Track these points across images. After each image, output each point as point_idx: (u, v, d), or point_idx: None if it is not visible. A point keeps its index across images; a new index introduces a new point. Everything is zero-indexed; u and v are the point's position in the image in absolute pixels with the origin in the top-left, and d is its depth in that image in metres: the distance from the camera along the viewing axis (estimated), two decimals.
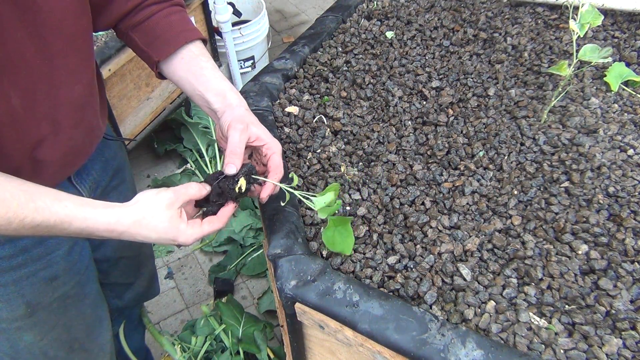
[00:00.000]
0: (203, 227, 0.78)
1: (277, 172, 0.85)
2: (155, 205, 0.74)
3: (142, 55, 0.93)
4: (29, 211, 0.68)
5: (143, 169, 2.66)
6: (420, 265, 0.86)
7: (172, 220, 0.75)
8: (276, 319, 1.92)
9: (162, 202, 0.75)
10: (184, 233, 0.76)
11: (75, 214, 0.71)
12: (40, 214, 0.69)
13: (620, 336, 0.74)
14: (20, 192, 0.68)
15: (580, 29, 1.04)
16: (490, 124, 1.11)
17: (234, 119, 0.84)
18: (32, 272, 0.92)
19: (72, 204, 0.71)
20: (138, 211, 0.74)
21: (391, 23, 1.46)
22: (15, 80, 0.73)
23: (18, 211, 0.67)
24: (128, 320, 1.53)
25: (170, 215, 0.75)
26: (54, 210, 0.70)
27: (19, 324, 0.96)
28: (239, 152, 0.81)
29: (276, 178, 0.85)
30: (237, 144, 0.81)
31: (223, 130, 0.85)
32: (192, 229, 0.77)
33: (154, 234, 0.74)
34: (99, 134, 0.99)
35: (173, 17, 0.92)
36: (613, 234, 0.87)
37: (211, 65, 0.91)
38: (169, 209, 0.75)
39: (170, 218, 0.75)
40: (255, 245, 2.18)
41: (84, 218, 0.71)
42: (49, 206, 0.70)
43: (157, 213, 0.74)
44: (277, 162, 0.86)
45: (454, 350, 0.70)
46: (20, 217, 0.67)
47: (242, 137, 0.82)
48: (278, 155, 0.86)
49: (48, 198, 0.70)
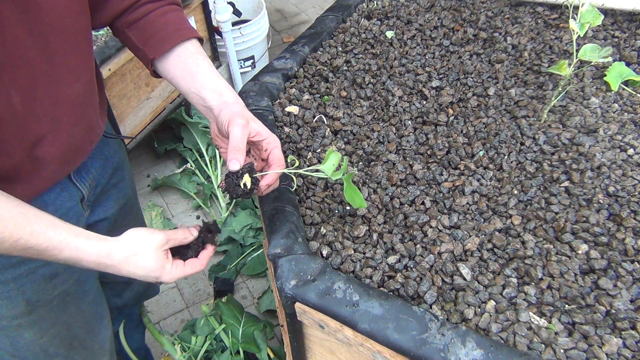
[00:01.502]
0: (185, 268, 0.83)
1: (279, 164, 0.86)
2: (146, 245, 0.79)
3: (137, 53, 0.93)
4: (24, 233, 0.70)
5: (143, 168, 2.66)
6: (420, 264, 0.86)
7: (160, 260, 0.80)
8: (276, 319, 1.92)
9: (153, 243, 0.79)
10: (168, 273, 0.81)
11: (68, 242, 0.73)
12: (35, 238, 0.71)
13: (620, 336, 0.74)
14: (18, 214, 0.70)
15: (580, 28, 1.04)
16: (490, 124, 1.11)
17: (235, 115, 0.84)
18: (32, 269, 0.93)
19: (66, 232, 0.74)
20: (130, 248, 0.78)
21: (391, 23, 1.46)
22: (15, 78, 0.73)
23: (14, 232, 0.69)
24: (128, 320, 1.53)
25: (159, 256, 0.79)
26: (49, 236, 0.72)
27: (19, 321, 0.96)
28: (242, 148, 0.81)
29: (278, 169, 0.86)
30: (239, 140, 0.81)
31: (222, 126, 0.85)
32: (176, 269, 0.82)
33: (140, 270, 0.79)
34: (98, 132, 0.99)
35: (169, 15, 0.92)
36: (613, 234, 0.87)
37: (207, 63, 0.92)
38: (159, 250, 0.79)
39: (159, 258, 0.79)
40: (255, 244, 2.18)
41: (76, 247, 0.74)
42: (44, 231, 0.72)
43: (147, 252, 0.78)
44: (279, 156, 0.87)
45: (454, 349, 0.70)
46: (15, 238, 0.69)
47: (244, 133, 0.82)
48: (278, 149, 0.87)
49: (44, 223, 0.72)
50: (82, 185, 1.00)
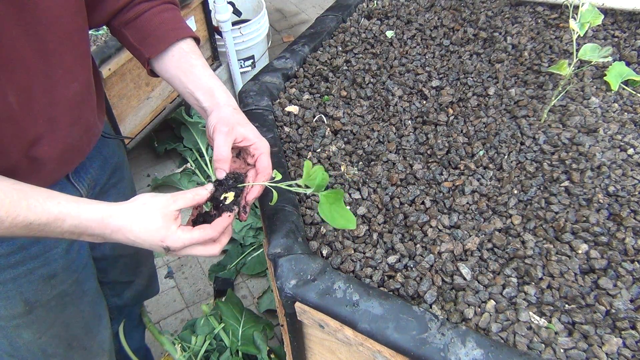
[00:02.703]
0: (193, 233, 0.75)
1: (264, 173, 0.84)
2: (150, 205, 0.74)
3: (134, 52, 0.93)
4: (21, 209, 0.68)
5: (143, 168, 2.66)
6: (420, 264, 0.86)
7: (165, 219, 0.74)
8: (276, 318, 1.92)
9: (157, 204, 0.75)
10: (174, 234, 0.74)
11: (68, 211, 0.71)
12: (33, 212, 0.69)
13: (620, 335, 0.74)
14: (13, 191, 0.68)
15: (580, 28, 1.04)
16: (490, 123, 1.11)
17: (219, 121, 0.83)
18: (30, 269, 0.92)
19: (65, 201, 0.71)
20: (133, 208, 0.74)
21: (391, 22, 1.46)
22: (12, 78, 0.73)
23: (10, 209, 0.67)
24: (128, 319, 1.53)
25: (164, 214, 0.74)
26: (47, 208, 0.70)
27: (18, 321, 0.96)
28: (225, 157, 0.81)
29: (264, 179, 0.84)
30: (222, 149, 0.81)
31: (209, 132, 0.85)
32: (182, 232, 0.75)
33: (144, 232, 0.73)
34: (96, 132, 0.99)
35: (165, 14, 0.92)
36: (613, 233, 0.87)
37: (201, 63, 0.91)
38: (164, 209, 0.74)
39: (164, 217, 0.74)
40: (255, 244, 2.18)
41: (77, 214, 0.71)
42: (42, 203, 0.69)
43: (151, 212, 0.74)
44: (265, 163, 0.85)
45: (454, 349, 0.70)
46: (12, 216, 0.67)
47: (227, 140, 0.81)
48: (266, 156, 0.85)
49: (41, 196, 0.70)
50: (81, 185, 1.00)
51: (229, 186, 0.82)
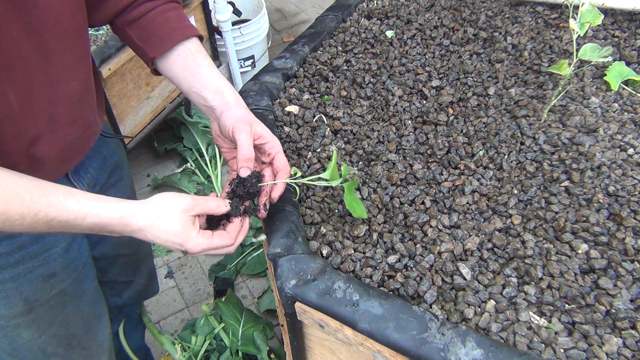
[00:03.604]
0: (213, 240, 0.78)
1: (285, 170, 0.87)
2: (171, 207, 0.75)
3: (138, 51, 0.93)
4: (42, 205, 0.68)
5: (143, 168, 2.66)
6: (420, 264, 0.86)
7: (185, 225, 0.75)
8: (276, 318, 1.92)
9: (178, 206, 0.75)
10: (194, 240, 0.76)
11: (88, 209, 0.71)
12: (54, 208, 0.69)
13: (620, 335, 0.74)
14: (32, 187, 0.69)
15: (580, 28, 1.04)
16: (490, 123, 1.11)
17: (237, 120, 0.84)
18: (29, 269, 0.92)
19: (84, 199, 0.72)
20: (153, 209, 0.74)
21: (391, 22, 1.46)
22: (11, 77, 0.73)
23: (31, 205, 0.67)
24: (128, 319, 1.53)
25: (183, 220, 0.75)
26: (67, 205, 0.70)
27: (17, 321, 0.96)
28: (251, 156, 0.83)
29: (285, 177, 0.86)
30: (248, 148, 0.82)
31: (226, 131, 0.85)
32: (202, 239, 0.77)
33: (163, 234, 0.75)
34: (96, 131, 0.99)
35: (169, 14, 0.92)
36: (613, 233, 0.87)
37: (208, 62, 0.91)
38: (184, 214, 0.75)
39: (184, 222, 0.75)
40: (255, 244, 2.18)
41: (97, 212, 0.72)
42: (62, 201, 0.70)
43: (171, 215, 0.75)
44: (283, 161, 0.87)
45: (454, 349, 0.70)
46: (34, 212, 0.68)
47: (250, 140, 0.83)
48: (282, 154, 0.88)
49: (61, 193, 0.70)
50: (80, 184, 1.00)
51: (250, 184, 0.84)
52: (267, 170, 0.88)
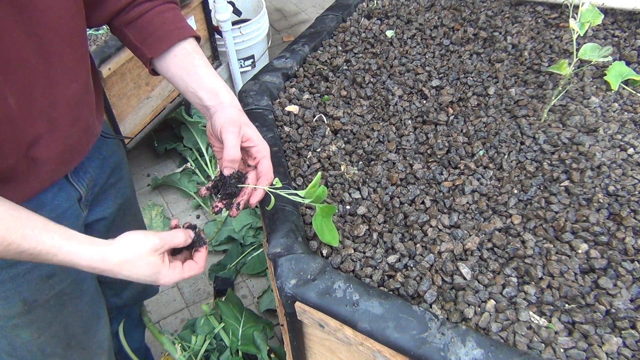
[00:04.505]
0: (184, 271, 0.81)
1: (267, 177, 0.87)
2: (140, 250, 0.76)
3: (135, 51, 0.93)
4: (16, 237, 0.69)
5: (143, 168, 2.66)
6: (420, 264, 0.86)
7: (155, 265, 0.77)
8: (276, 318, 1.92)
9: (147, 247, 0.77)
10: (166, 276, 0.79)
11: (60, 246, 0.72)
12: (28, 242, 0.70)
13: (620, 335, 0.74)
14: (9, 217, 0.69)
15: (580, 27, 1.04)
16: (490, 123, 1.11)
17: (227, 121, 0.84)
18: (28, 269, 0.92)
19: (58, 236, 0.73)
20: (123, 252, 0.76)
21: (391, 22, 1.46)
22: (11, 78, 0.73)
23: (6, 236, 0.68)
24: (128, 319, 1.53)
25: (153, 261, 0.77)
26: (41, 240, 0.71)
27: (16, 321, 0.96)
28: (237, 157, 0.83)
29: (266, 183, 0.87)
30: (234, 149, 0.83)
31: (215, 131, 0.86)
32: (174, 272, 0.80)
33: (135, 275, 0.77)
34: (95, 132, 0.99)
35: (167, 14, 0.92)
36: (613, 233, 0.87)
37: (204, 62, 0.92)
38: (153, 255, 0.77)
39: (154, 263, 0.77)
40: (255, 244, 2.18)
41: (68, 252, 0.73)
42: (37, 235, 0.71)
43: (141, 257, 0.76)
44: (267, 167, 0.87)
45: (454, 349, 0.70)
46: (7, 242, 0.68)
47: (237, 141, 0.83)
48: (268, 160, 0.88)
49: (37, 227, 0.71)
50: (80, 185, 1.00)
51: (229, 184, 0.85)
52: (252, 174, 0.89)
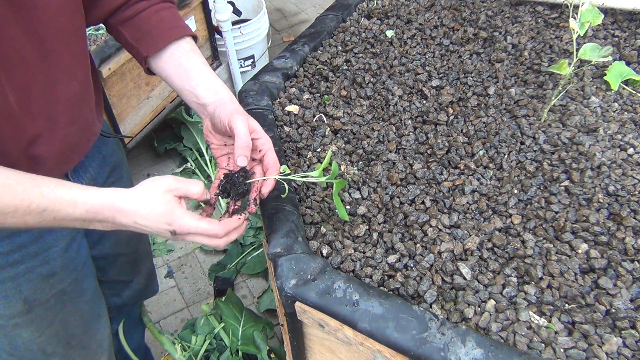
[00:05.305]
0: (200, 223, 0.76)
1: (275, 167, 0.86)
2: (154, 189, 0.76)
3: (131, 50, 0.93)
4: (34, 196, 0.69)
5: (143, 167, 2.66)
6: (420, 264, 0.86)
7: (170, 204, 0.75)
8: (276, 318, 1.92)
9: (161, 187, 0.76)
10: (180, 218, 0.75)
11: (79, 196, 0.72)
12: (46, 199, 0.70)
13: (620, 335, 0.74)
14: (25, 179, 0.70)
15: (580, 27, 1.04)
16: (490, 123, 1.11)
17: (234, 111, 0.84)
18: (29, 268, 0.93)
19: (75, 187, 0.73)
20: (139, 194, 0.75)
21: (391, 22, 1.46)
22: (11, 77, 0.73)
23: (24, 197, 0.68)
24: (128, 319, 1.53)
25: (168, 199, 0.75)
26: (59, 194, 0.71)
27: (17, 320, 0.96)
28: (249, 144, 0.82)
29: (275, 173, 0.86)
30: (245, 137, 0.82)
31: (221, 121, 0.85)
32: (190, 219, 0.76)
33: (152, 215, 0.75)
34: (95, 131, 0.99)
35: (163, 13, 0.92)
36: (613, 233, 0.87)
37: (202, 61, 0.92)
38: (167, 193, 0.76)
39: (168, 202, 0.75)
40: (255, 244, 2.18)
41: (87, 199, 0.73)
42: (54, 190, 0.71)
43: (155, 196, 0.75)
44: (274, 158, 0.87)
45: (453, 349, 0.70)
46: (26, 203, 0.68)
47: (247, 129, 0.83)
48: (272, 151, 0.88)
49: (52, 183, 0.72)
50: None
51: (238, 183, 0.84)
52: (258, 168, 0.89)
